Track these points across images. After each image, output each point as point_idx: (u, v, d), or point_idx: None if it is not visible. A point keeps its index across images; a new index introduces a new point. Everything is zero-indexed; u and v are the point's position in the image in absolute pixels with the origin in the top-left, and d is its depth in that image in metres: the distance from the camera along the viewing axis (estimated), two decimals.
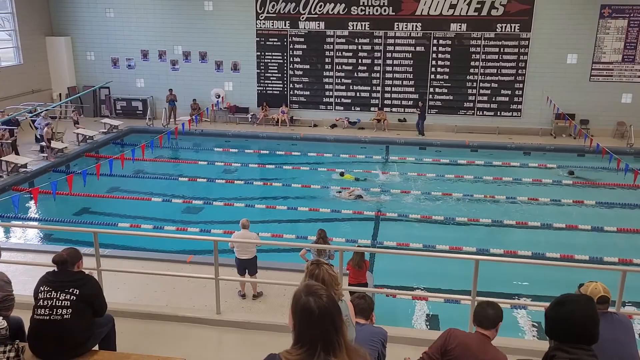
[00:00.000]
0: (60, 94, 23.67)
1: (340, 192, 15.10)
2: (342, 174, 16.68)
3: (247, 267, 8.96)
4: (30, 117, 18.66)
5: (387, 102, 22.71)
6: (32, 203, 14.12)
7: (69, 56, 23.77)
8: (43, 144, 17.21)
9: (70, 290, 4.97)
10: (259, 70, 23.20)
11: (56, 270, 5.10)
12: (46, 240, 12.32)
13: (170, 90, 22.76)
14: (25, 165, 15.86)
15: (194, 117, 21.21)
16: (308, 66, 22.89)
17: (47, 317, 4.92)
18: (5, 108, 19.78)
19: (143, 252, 10.90)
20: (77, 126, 19.69)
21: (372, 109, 22.80)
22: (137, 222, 12.98)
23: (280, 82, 23.21)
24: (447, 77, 22.16)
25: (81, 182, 13.42)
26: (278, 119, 22.79)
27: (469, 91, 22.19)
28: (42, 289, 5.02)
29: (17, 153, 16.33)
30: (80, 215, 13.78)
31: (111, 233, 9.86)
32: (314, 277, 3.73)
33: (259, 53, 23.02)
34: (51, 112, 18.71)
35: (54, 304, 4.94)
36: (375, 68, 22.45)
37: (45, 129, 16.83)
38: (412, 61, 22.17)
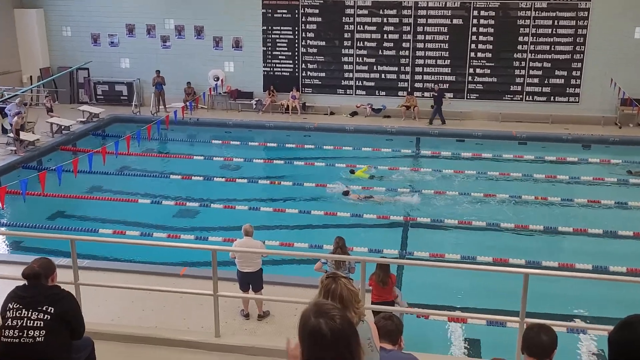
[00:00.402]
0: (31, 77, 23.95)
1: (346, 193, 15.01)
2: (352, 172, 16.71)
3: (251, 281, 8.99)
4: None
5: (417, 85, 22.63)
6: None
7: (42, 32, 24.03)
8: (12, 135, 17.42)
9: (44, 308, 4.99)
10: (265, 48, 23.26)
11: (27, 284, 5.14)
12: (14, 249, 12.46)
13: (157, 71, 22.91)
14: None
15: (188, 103, 21.32)
16: (324, 43, 22.90)
17: (17, 340, 4.95)
18: None
19: (128, 264, 10.99)
20: (50, 114, 19.91)
21: (400, 93, 22.74)
22: (121, 227, 13.08)
23: (291, 61, 23.25)
24: (489, 55, 22.02)
25: (55, 181, 13.55)
26: (288, 106, 22.84)
27: (517, 72, 22.03)
28: (11, 307, 5.04)
29: None
30: (54, 219, 13.92)
31: (91, 240, 9.94)
32: (329, 293, 3.72)
33: (265, 27, 23.08)
34: (20, 98, 18.88)
35: (24, 324, 4.96)
36: (404, 45, 22.39)
37: (15, 118, 17.02)
38: (447, 36, 22.08)
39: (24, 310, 4.99)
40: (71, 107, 23.45)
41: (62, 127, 19.60)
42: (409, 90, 22.57)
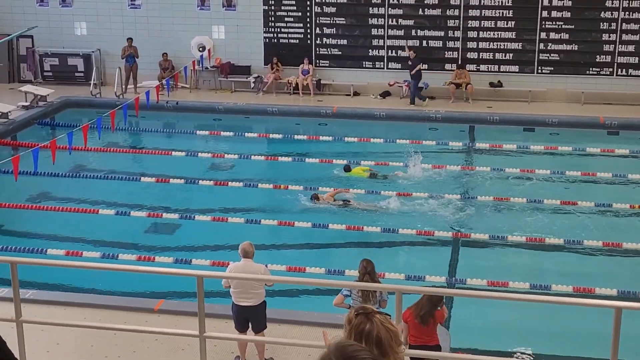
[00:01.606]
0: None
1: (315, 199, 15.11)
2: (347, 169, 16.78)
3: (250, 318, 9.02)
4: None
5: (471, 56, 22.57)
6: None
7: None
8: None
9: None
10: (266, 7, 23.33)
11: None
12: None
13: (129, 39, 23.05)
14: None
15: (164, 81, 21.45)
16: None
17: None
18: None
19: (87, 295, 11.05)
20: None
21: (447, 67, 22.68)
22: (77, 247, 13.15)
23: (301, 25, 23.30)
24: (568, 14, 21.93)
25: None
26: (297, 84, 22.89)
27: (604, 38, 21.92)
28: None
29: None
30: None
31: (37, 264, 10.02)
32: (363, 336, 3.70)
33: None
34: None
35: None
36: (453, 2, 22.34)
37: None
38: None
39: None
40: (10, 87, 23.64)
41: None
42: (460, 62, 22.51)
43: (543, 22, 22.04)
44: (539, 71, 22.27)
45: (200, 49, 23.41)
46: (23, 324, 7.28)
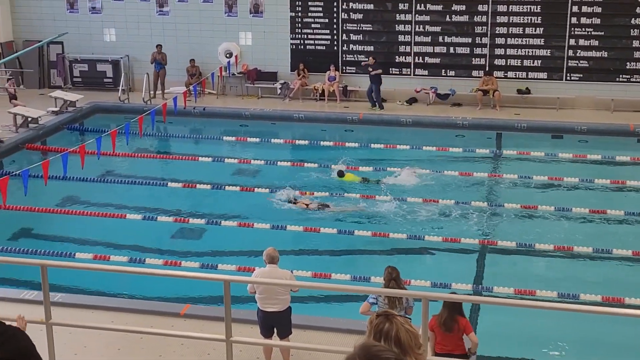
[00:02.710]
0: None
1: (294, 200, 15.33)
2: (340, 174, 16.91)
3: (275, 324, 9.04)
4: None
5: (498, 62, 22.48)
6: None
7: None
8: None
9: None
10: (293, 14, 23.41)
11: None
12: None
13: (159, 46, 23.25)
14: None
15: (191, 87, 21.59)
16: (371, 5, 22.94)
17: None
18: None
19: (114, 299, 11.14)
20: (14, 103, 20.35)
21: (474, 73, 22.62)
22: (104, 251, 13.29)
23: (328, 31, 23.34)
24: (598, 21, 21.77)
25: (20, 189, 13.84)
26: (323, 91, 22.92)
27: (635, 44, 21.74)
28: None
29: None
30: (17, 239, 14.21)
31: (66, 267, 10.11)
32: (382, 335, 3.76)
33: None
34: None
35: None
36: (480, 8, 22.27)
37: None
38: None
39: None
40: (40, 92, 23.91)
41: (29, 118, 20.00)
42: (487, 69, 22.43)
43: (572, 29, 21.90)
44: (568, 78, 22.12)
45: (228, 55, 23.53)
46: (52, 327, 7.37)
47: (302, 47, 23.54)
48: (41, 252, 12.85)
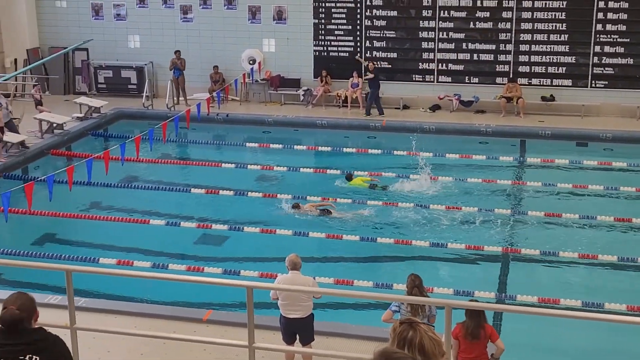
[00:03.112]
0: (15, 60, 24.80)
1: (296, 207, 15.41)
2: (348, 178, 16.98)
3: (298, 330, 9.06)
4: None
5: (522, 69, 22.40)
6: None
7: (30, 3, 24.88)
8: None
9: (26, 359, 5.17)
10: (317, 20, 23.47)
11: (3, 329, 5.29)
12: None
13: (177, 52, 23.39)
14: None
15: (215, 94, 21.69)
16: (395, 12, 22.96)
17: None
18: None
19: (137, 304, 11.21)
20: (39, 109, 20.54)
21: (498, 80, 22.54)
22: (128, 256, 13.34)
23: (351, 38, 23.37)
24: (623, 27, 21.64)
25: (45, 195, 13.96)
26: (346, 97, 22.94)
27: None
28: None
29: None
30: (43, 244, 14.35)
31: (90, 272, 10.19)
32: (406, 343, 3.76)
33: None
34: (1, 88, 19.55)
35: None
36: (504, 14, 22.21)
37: None
38: (564, 2, 21.81)
39: None
40: (65, 99, 24.14)
41: (54, 124, 20.19)
42: (511, 76, 22.35)
43: (597, 36, 21.78)
44: (593, 85, 21.99)
45: (251, 61, 23.62)
46: (77, 331, 7.42)
47: (325, 53, 23.58)
48: (66, 257, 12.96)
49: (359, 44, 23.30)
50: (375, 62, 22.42)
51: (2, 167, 17.45)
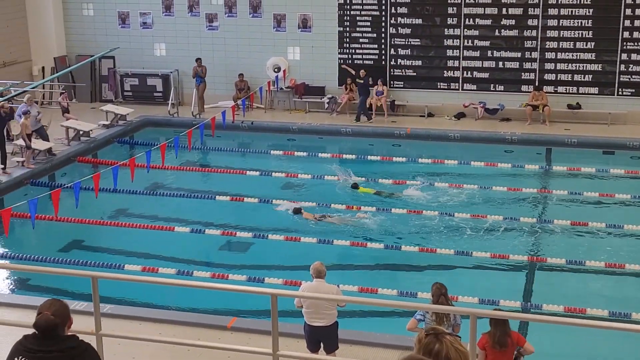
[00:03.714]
0: (43, 68, 25.06)
1: (298, 212, 15.62)
2: (355, 187, 17.10)
3: (322, 338, 9.05)
4: (2, 101, 19.83)
5: (548, 77, 22.27)
6: (0, 231, 14.98)
7: (58, 12, 25.14)
8: (18, 142, 18.22)
9: None
10: (341, 29, 23.49)
11: (38, 335, 5.33)
12: (19, 287, 13.01)
13: (198, 60, 23.53)
14: None
15: (240, 101, 21.76)
16: (420, 20, 22.92)
17: None
18: None
19: (162, 311, 11.26)
20: (66, 116, 20.72)
21: (523, 88, 22.43)
22: (153, 263, 13.43)
23: (376, 46, 23.36)
24: None
25: (72, 202, 14.08)
26: (371, 105, 22.93)
27: None
28: None
29: None
30: (69, 250, 14.44)
31: (116, 279, 10.25)
32: (432, 355, 3.74)
33: (342, 1, 23.33)
34: (30, 95, 19.67)
35: None
36: (530, 22, 22.11)
37: (22, 119, 17.81)
38: (591, 10, 21.67)
39: None
40: (92, 106, 24.34)
41: (81, 132, 20.36)
42: (537, 84, 22.23)
43: (624, 43, 21.60)
44: (620, 93, 21.80)
45: (276, 69, 23.68)
46: (102, 338, 7.46)
47: (350, 61, 23.58)
48: (91, 263, 13.06)
49: (383, 52, 23.29)
50: (365, 70, 22.45)
51: (30, 174, 17.62)
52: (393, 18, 23.01)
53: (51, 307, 5.32)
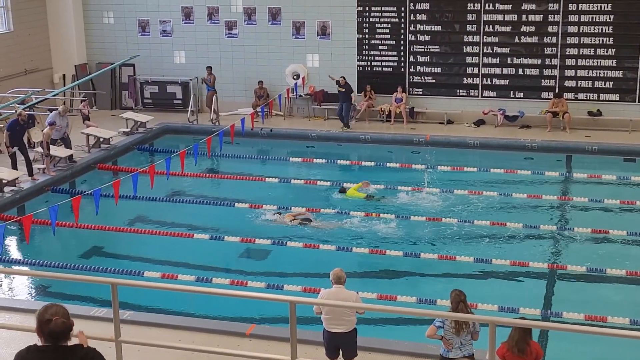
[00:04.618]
0: (64, 76, 25.28)
1: (278, 214, 15.86)
2: (343, 191, 17.20)
3: (341, 345, 9.04)
4: (23, 108, 19.97)
5: (568, 84, 22.18)
6: (20, 238, 15.08)
7: (78, 19, 25.36)
8: (39, 150, 18.38)
9: None
10: (361, 36, 23.53)
11: (48, 344, 5.29)
12: (39, 294, 13.10)
13: (209, 68, 23.64)
14: (12, 182, 17.02)
15: (259, 109, 21.84)
16: (439, 27, 22.91)
17: None
18: None
19: (181, 318, 11.29)
20: (86, 123, 20.88)
21: (544, 95, 22.36)
22: (172, 270, 13.49)
23: (395, 53, 23.38)
24: None
25: (92, 208, 14.18)
26: (390, 112, 22.93)
27: None
28: None
29: None
30: (89, 257, 14.55)
31: (135, 286, 10.28)
32: None
33: (361, 8, 23.38)
34: (64, 107, 19.69)
35: None
36: (550, 29, 22.05)
37: (47, 129, 17.97)
38: (611, 16, 21.58)
39: None
40: (112, 113, 24.51)
41: (101, 139, 20.50)
42: (557, 91, 22.15)
43: None
44: None
45: (295, 77, 23.75)
46: (122, 344, 7.51)
47: (369, 68, 23.63)
48: (111, 270, 13.12)
49: (402, 58, 23.29)
50: (343, 77, 22.56)
51: (51, 181, 17.76)
52: (412, 25, 23.01)
53: (57, 312, 5.33)
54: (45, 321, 5.25)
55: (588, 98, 22.02)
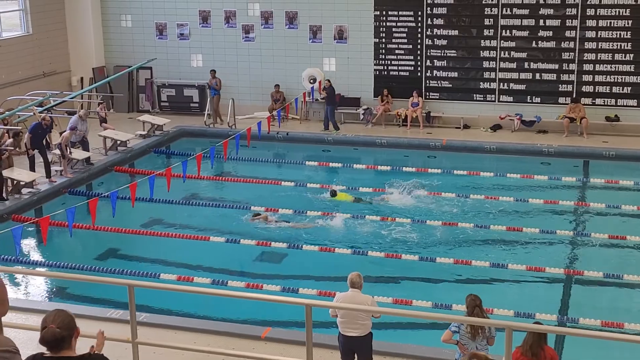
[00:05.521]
0: (82, 79, 25.45)
1: (257, 215, 16.24)
2: (333, 194, 17.26)
3: (356, 349, 9.04)
4: (40, 111, 20.12)
5: (586, 89, 22.10)
6: (38, 239, 15.20)
7: (96, 22, 25.54)
8: (57, 152, 18.50)
9: None
10: (377, 40, 23.54)
11: (49, 355, 5.28)
12: (57, 295, 13.20)
13: (213, 72, 23.72)
14: (30, 184, 17.15)
15: (275, 112, 21.88)
16: (456, 32, 22.89)
17: None
18: (5, 100, 21.54)
19: (196, 320, 11.34)
20: (104, 126, 20.99)
21: (561, 100, 22.28)
22: (188, 272, 13.54)
23: (411, 57, 23.38)
24: None
25: (109, 211, 14.25)
26: (406, 116, 22.91)
27: None
28: None
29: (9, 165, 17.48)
30: (106, 259, 14.63)
31: (152, 288, 10.34)
32: None
33: (378, 12, 23.40)
34: (85, 111, 19.78)
35: None
36: (568, 34, 21.97)
37: (66, 132, 18.08)
38: (629, 21, 21.48)
39: None
40: (129, 116, 24.66)
41: (118, 142, 20.63)
42: (574, 96, 22.07)
43: None
44: None
45: (311, 80, 23.78)
46: (138, 346, 7.55)
47: (385, 72, 23.63)
48: (128, 272, 13.20)
49: (419, 63, 23.29)
50: (328, 80, 22.81)
51: (68, 183, 17.88)
52: (429, 29, 23.01)
53: (56, 319, 5.26)
54: (42, 328, 5.23)
55: (605, 103, 21.94)
